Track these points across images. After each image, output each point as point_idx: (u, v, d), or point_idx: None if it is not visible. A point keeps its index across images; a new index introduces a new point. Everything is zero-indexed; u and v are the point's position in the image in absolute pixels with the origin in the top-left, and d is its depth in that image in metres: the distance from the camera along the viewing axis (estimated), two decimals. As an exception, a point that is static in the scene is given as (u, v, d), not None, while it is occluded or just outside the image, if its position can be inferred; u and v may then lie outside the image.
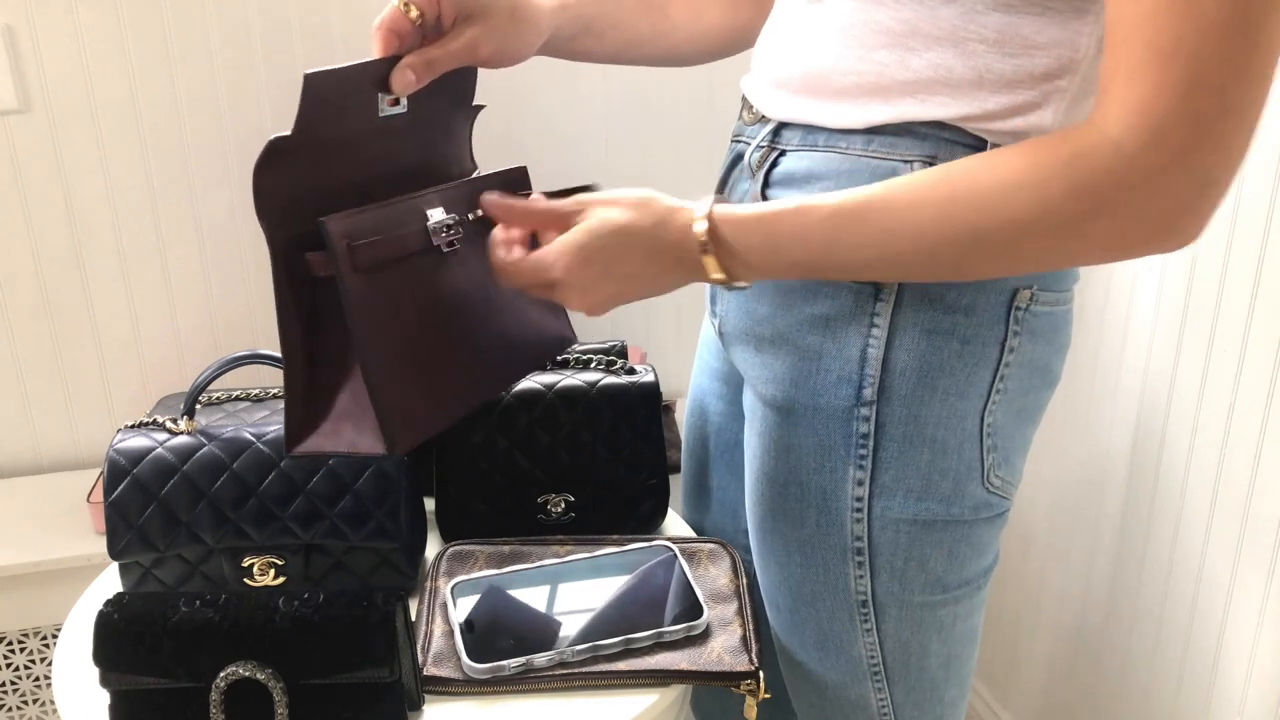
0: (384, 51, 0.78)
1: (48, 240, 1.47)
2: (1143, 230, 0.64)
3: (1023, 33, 0.71)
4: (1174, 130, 0.60)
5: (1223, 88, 0.59)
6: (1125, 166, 0.62)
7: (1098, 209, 0.64)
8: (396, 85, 0.77)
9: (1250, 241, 1.10)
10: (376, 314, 0.74)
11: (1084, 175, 0.63)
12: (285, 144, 0.71)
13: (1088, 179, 0.63)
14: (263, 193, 0.71)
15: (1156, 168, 0.61)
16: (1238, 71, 0.59)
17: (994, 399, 0.81)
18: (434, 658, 0.90)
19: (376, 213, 0.75)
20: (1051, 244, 0.67)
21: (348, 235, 0.72)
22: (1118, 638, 1.39)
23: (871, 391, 0.80)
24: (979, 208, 0.67)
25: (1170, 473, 1.26)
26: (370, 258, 0.74)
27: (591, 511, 1.08)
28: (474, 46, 0.82)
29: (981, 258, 0.69)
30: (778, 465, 0.87)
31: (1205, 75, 0.59)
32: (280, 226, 0.72)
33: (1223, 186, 0.63)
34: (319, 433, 0.76)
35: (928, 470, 0.82)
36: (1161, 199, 0.63)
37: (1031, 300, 0.79)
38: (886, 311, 0.79)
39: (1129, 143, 0.61)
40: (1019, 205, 0.66)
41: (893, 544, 0.84)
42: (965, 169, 0.69)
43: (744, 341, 0.89)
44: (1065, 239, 0.66)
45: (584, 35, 0.93)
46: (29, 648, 1.44)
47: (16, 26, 1.38)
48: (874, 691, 0.91)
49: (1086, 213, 0.64)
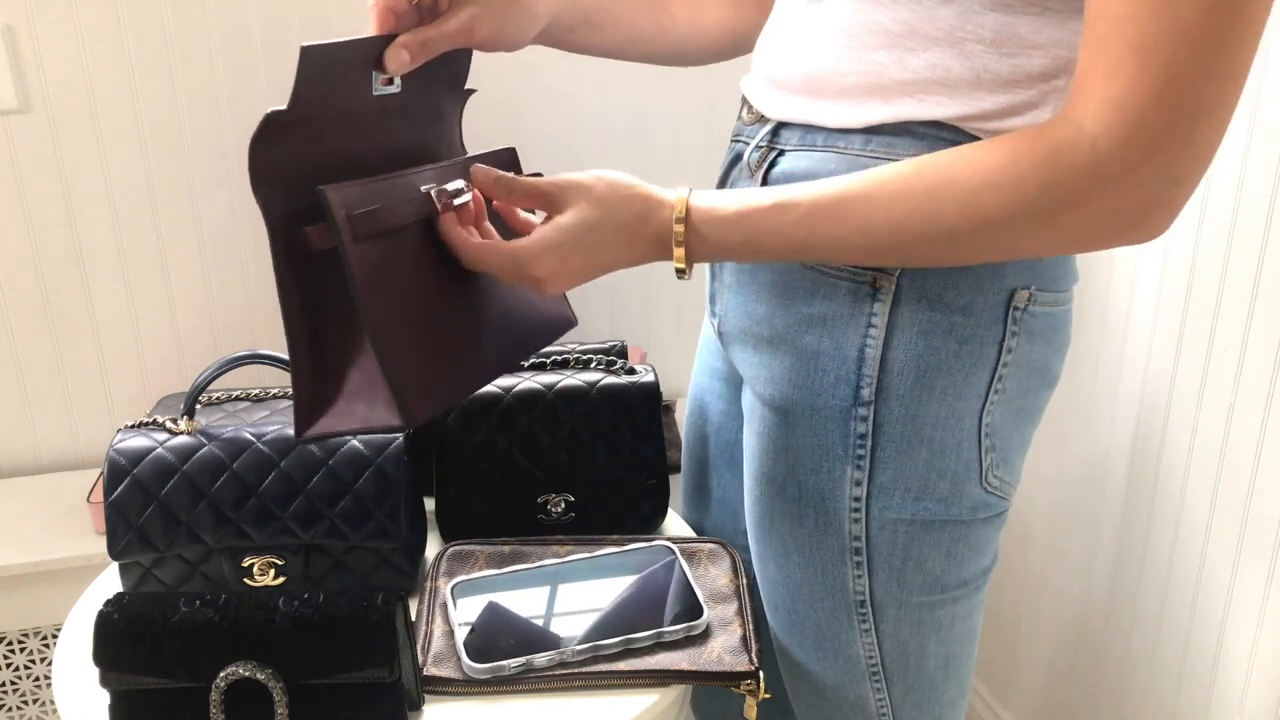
0: (380, 29, 0.78)
1: (48, 240, 1.47)
2: (1116, 224, 0.66)
3: (1020, 33, 0.71)
4: (1149, 127, 0.62)
5: (1197, 86, 0.61)
6: (1101, 163, 0.63)
7: (1072, 204, 0.65)
8: (391, 64, 0.77)
9: (1250, 241, 1.10)
10: (380, 283, 0.73)
11: (1060, 172, 0.64)
12: (281, 117, 0.71)
13: (1064, 175, 0.64)
14: (259, 166, 0.71)
15: (1131, 164, 0.63)
16: (1211, 72, 0.61)
17: (992, 399, 0.81)
18: (434, 658, 0.90)
19: (374, 185, 0.75)
20: (1026, 237, 0.69)
21: (346, 205, 0.72)
22: (1118, 638, 1.39)
23: (869, 391, 0.81)
24: (956, 204, 0.68)
25: (1170, 472, 1.26)
26: (369, 227, 0.73)
27: (591, 511, 1.08)
28: (470, 28, 0.82)
29: (957, 250, 0.71)
30: (776, 465, 0.87)
31: (1181, 74, 0.60)
32: (276, 201, 0.72)
33: (1193, 183, 0.64)
34: (330, 414, 0.75)
35: (926, 470, 0.82)
36: (1135, 194, 0.64)
37: (1030, 300, 0.79)
38: (884, 311, 0.79)
39: (1105, 139, 0.63)
40: (995, 202, 0.67)
41: (891, 544, 0.84)
42: (943, 164, 0.69)
43: (743, 341, 0.89)
44: (1039, 232, 0.68)
45: (583, 27, 0.93)
46: (29, 648, 1.44)
47: (16, 26, 1.38)
48: (872, 691, 0.91)
49: (1061, 208, 0.65)
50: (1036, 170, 0.65)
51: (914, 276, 0.78)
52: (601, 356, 1.11)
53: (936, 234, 0.70)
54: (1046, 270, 0.80)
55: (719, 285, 0.93)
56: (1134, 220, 0.65)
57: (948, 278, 0.78)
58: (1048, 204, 0.65)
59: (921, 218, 0.69)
